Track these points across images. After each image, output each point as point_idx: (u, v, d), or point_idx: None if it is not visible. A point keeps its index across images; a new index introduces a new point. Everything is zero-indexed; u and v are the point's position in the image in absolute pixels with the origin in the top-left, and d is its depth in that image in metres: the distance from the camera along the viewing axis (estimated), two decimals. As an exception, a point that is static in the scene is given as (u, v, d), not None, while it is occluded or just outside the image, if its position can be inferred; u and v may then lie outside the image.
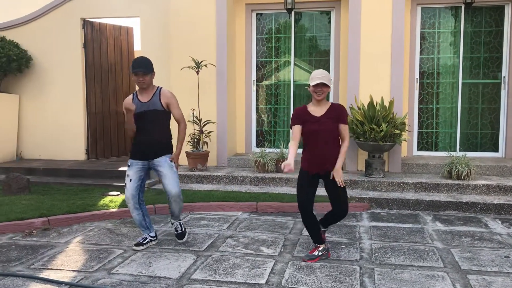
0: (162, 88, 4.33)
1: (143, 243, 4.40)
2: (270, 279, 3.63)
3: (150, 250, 4.33)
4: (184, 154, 7.33)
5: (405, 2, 6.95)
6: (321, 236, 4.10)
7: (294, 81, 8.14)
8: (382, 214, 5.71)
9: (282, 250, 4.33)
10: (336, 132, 3.96)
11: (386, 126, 6.41)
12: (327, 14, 7.98)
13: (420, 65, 7.77)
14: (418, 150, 7.87)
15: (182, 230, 4.52)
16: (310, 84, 3.92)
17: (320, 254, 4.05)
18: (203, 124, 7.32)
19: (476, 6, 7.52)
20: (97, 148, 8.96)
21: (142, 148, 4.26)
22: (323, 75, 3.87)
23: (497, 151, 7.68)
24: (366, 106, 6.78)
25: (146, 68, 4.17)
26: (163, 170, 4.28)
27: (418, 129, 7.85)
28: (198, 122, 7.31)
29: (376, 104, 6.75)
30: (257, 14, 8.19)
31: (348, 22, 7.41)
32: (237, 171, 7.18)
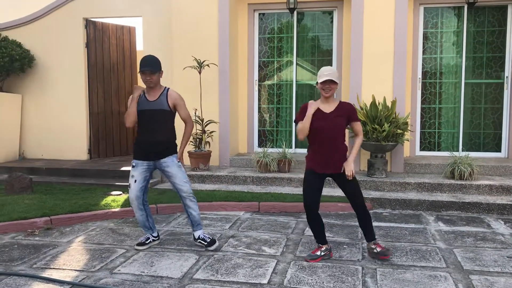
0: (170, 88, 4.31)
1: (145, 243, 4.40)
2: (272, 279, 3.62)
3: (152, 250, 4.33)
4: (186, 153, 7.34)
5: (407, 2, 6.93)
6: (324, 236, 4.09)
7: (296, 81, 8.13)
8: (384, 214, 5.70)
9: (284, 250, 4.33)
10: (343, 130, 3.94)
11: (389, 126, 6.40)
12: (330, 14, 7.97)
13: (422, 65, 7.75)
14: (420, 150, 7.86)
15: (211, 238, 4.39)
16: (318, 81, 3.90)
17: (322, 254, 4.04)
18: (205, 123, 7.33)
19: (479, 5, 7.50)
20: (99, 147, 8.97)
21: (146, 148, 4.24)
22: (331, 72, 3.85)
23: (500, 151, 7.66)
24: (368, 106, 6.77)
25: (154, 67, 4.14)
26: (171, 170, 4.27)
27: (421, 129, 7.83)
28: (200, 122, 7.31)
29: (378, 104, 6.74)
30: (259, 14, 8.19)
31: (350, 21, 7.40)
32: (239, 171, 7.18)
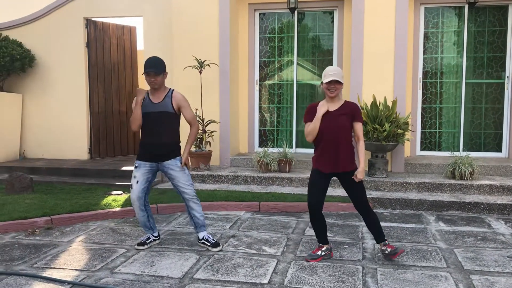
0: (174, 90, 4.30)
1: (146, 243, 4.40)
2: (273, 279, 3.62)
3: (152, 250, 4.33)
4: (186, 153, 7.33)
5: (408, 2, 6.93)
6: (326, 236, 4.09)
7: (297, 80, 8.13)
8: (385, 214, 5.70)
9: (285, 249, 4.33)
10: (348, 129, 3.92)
11: (389, 126, 6.40)
12: (330, 14, 7.97)
13: (423, 64, 7.75)
14: (421, 150, 7.86)
15: (215, 240, 4.38)
16: (323, 81, 3.89)
17: (323, 254, 4.04)
18: (206, 123, 7.33)
19: (479, 5, 7.50)
20: (100, 147, 8.97)
21: (151, 150, 4.22)
22: (336, 72, 3.84)
23: (500, 151, 7.66)
24: (369, 106, 6.77)
25: (158, 68, 4.13)
26: (174, 173, 4.25)
27: (421, 129, 7.83)
28: (201, 122, 7.31)
29: (379, 104, 6.73)
30: (260, 14, 8.19)
31: (351, 21, 7.40)
32: (240, 171, 7.17)
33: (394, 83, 7.02)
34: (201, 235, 4.39)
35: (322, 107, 3.88)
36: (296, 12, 8.00)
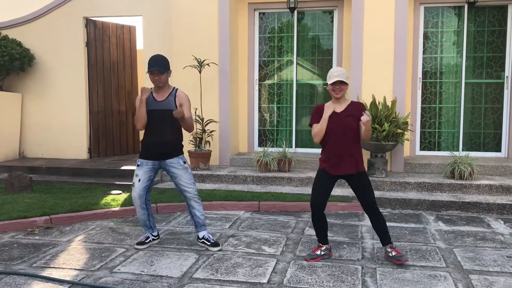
0: (179, 89, 4.30)
1: (145, 242, 4.39)
2: (272, 278, 3.62)
3: (152, 249, 4.33)
4: (186, 153, 7.33)
5: (408, 1, 6.93)
6: (326, 236, 4.08)
7: (296, 80, 8.13)
8: (384, 213, 5.70)
9: (284, 249, 4.33)
10: (355, 130, 3.89)
11: (389, 126, 6.40)
12: (330, 13, 7.97)
13: (423, 64, 7.75)
14: (420, 150, 7.86)
15: (215, 240, 4.38)
16: (328, 82, 3.89)
17: (322, 253, 4.04)
18: (206, 123, 7.32)
19: (479, 5, 7.50)
20: (99, 147, 8.97)
21: (153, 148, 4.22)
22: (340, 73, 3.83)
23: (500, 151, 7.66)
24: (368, 105, 6.77)
25: (162, 66, 4.13)
26: (177, 171, 4.25)
27: (421, 128, 7.83)
28: (201, 121, 7.31)
29: (378, 103, 6.73)
30: (259, 13, 8.19)
31: (350, 21, 7.40)
32: (239, 171, 7.18)
33: (393, 83, 7.02)
34: (201, 234, 4.39)
35: (328, 109, 3.87)
36: (295, 11, 7.99)
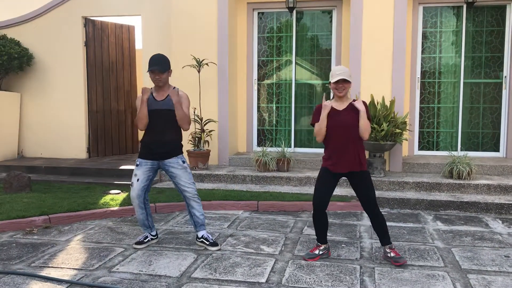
0: (179, 89, 4.29)
1: (144, 242, 4.40)
2: (271, 278, 3.63)
3: (150, 249, 4.33)
4: (185, 153, 7.34)
5: (407, 1, 6.93)
6: (325, 236, 4.08)
7: (295, 80, 8.13)
8: (383, 213, 5.68)
9: (283, 249, 4.33)
10: (357, 128, 3.88)
11: (387, 126, 6.41)
12: (329, 13, 7.97)
13: (421, 64, 7.76)
14: (419, 150, 7.87)
15: (214, 240, 4.38)
16: (331, 81, 3.90)
17: (320, 253, 4.05)
18: (204, 122, 7.33)
19: (477, 5, 7.51)
20: (98, 146, 8.97)
21: (153, 147, 4.21)
22: (343, 71, 3.84)
23: (498, 151, 7.68)
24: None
25: (163, 65, 4.12)
26: (176, 171, 4.25)
27: (419, 128, 7.84)
28: (199, 121, 7.31)
29: (377, 103, 6.74)
30: (258, 13, 8.19)
31: (349, 21, 7.41)
32: (238, 170, 7.18)
33: (392, 83, 7.03)
34: (200, 234, 4.40)
35: (326, 108, 3.88)
36: (294, 11, 8.00)
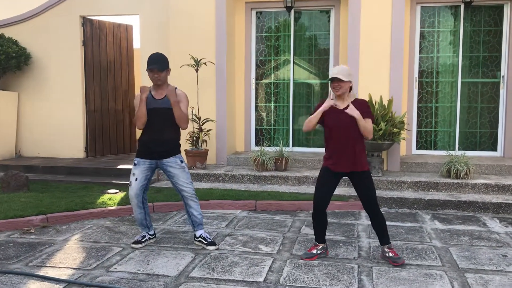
0: (178, 88, 4.28)
1: (142, 241, 4.39)
2: (268, 277, 3.63)
3: (148, 248, 4.33)
4: (183, 152, 7.33)
5: (405, 1, 6.94)
6: (324, 235, 4.09)
7: (293, 79, 8.14)
8: (380, 212, 5.71)
9: (281, 248, 4.34)
10: (356, 127, 3.86)
11: (385, 125, 6.42)
12: (327, 13, 7.97)
13: (419, 64, 7.77)
14: (417, 149, 7.88)
15: (211, 239, 4.38)
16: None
17: (318, 252, 4.05)
18: (202, 122, 7.32)
19: (475, 5, 7.52)
20: (96, 146, 8.96)
21: (151, 146, 4.21)
22: (338, 70, 3.83)
23: (496, 150, 7.69)
24: (365, 104, 6.78)
25: (162, 64, 4.12)
26: (174, 171, 4.25)
27: (417, 128, 7.85)
28: (197, 120, 7.31)
29: (375, 103, 6.75)
30: (256, 13, 8.19)
31: (347, 20, 7.41)
32: (236, 170, 7.18)
33: (390, 82, 7.04)
34: (198, 233, 4.39)
35: (326, 103, 3.88)
36: (292, 11, 8.00)
